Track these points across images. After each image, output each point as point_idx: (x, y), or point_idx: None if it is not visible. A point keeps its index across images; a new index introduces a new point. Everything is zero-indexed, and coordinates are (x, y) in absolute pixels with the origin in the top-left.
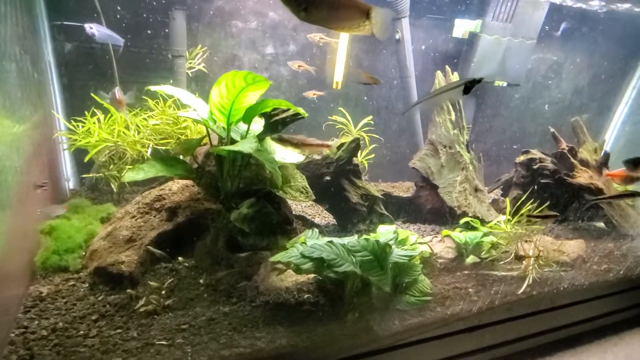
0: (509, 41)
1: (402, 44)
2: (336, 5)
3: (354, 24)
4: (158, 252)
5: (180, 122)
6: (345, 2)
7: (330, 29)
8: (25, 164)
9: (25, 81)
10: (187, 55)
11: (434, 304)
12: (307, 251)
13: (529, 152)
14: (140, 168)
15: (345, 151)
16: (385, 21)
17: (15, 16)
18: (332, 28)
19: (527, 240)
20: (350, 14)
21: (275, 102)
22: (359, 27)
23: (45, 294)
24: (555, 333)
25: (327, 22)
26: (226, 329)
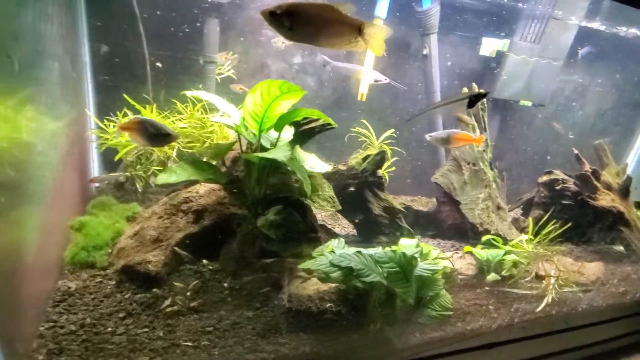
0: (536, 62)
1: (429, 60)
2: (324, 23)
3: (344, 41)
4: (184, 254)
5: (207, 126)
6: (334, 19)
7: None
8: (60, 160)
9: (65, 80)
10: (217, 62)
11: (454, 319)
12: (336, 260)
13: (552, 172)
14: (173, 170)
15: (370, 163)
16: (381, 37)
17: (60, 17)
18: (322, 46)
19: (548, 260)
20: (340, 30)
21: (308, 112)
22: (351, 44)
23: (73, 289)
24: (570, 354)
25: (316, 40)
26: (250, 334)
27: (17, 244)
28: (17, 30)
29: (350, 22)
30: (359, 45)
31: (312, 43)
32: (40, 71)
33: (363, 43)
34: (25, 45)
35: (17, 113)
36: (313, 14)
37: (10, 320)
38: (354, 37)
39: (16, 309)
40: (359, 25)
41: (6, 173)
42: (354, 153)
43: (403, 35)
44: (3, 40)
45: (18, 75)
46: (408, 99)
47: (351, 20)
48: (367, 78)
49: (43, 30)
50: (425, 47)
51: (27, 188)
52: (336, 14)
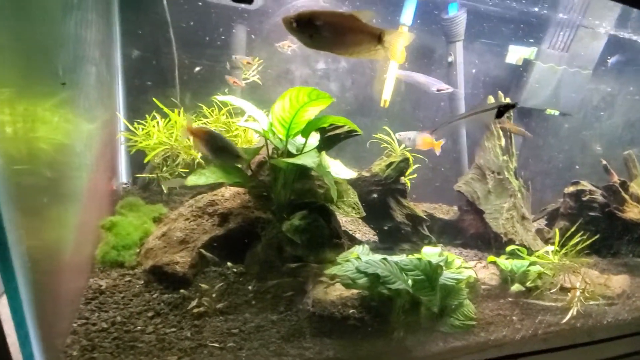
0: (564, 70)
1: (454, 67)
2: (344, 31)
3: (364, 49)
4: (209, 256)
5: (232, 130)
6: (354, 27)
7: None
8: (94, 161)
9: (100, 83)
10: (243, 67)
11: (477, 328)
12: (363, 266)
13: (578, 183)
14: (202, 173)
15: (394, 170)
16: (402, 44)
17: (98, 23)
18: (342, 54)
19: (574, 273)
20: (360, 39)
21: (335, 119)
22: (371, 52)
23: (104, 287)
24: None
25: (336, 48)
26: (275, 337)
27: (58, 243)
28: (62, 36)
29: (370, 31)
30: (379, 54)
31: (332, 51)
32: (80, 75)
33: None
34: (68, 50)
35: (57, 116)
36: (333, 22)
37: (50, 316)
38: (374, 45)
39: (55, 306)
40: (379, 34)
41: (47, 174)
42: (378, 160)
43: (428, 42)
44: (50, 47)
45: (61, 79)
46: (430, 106)
47: (371, 28)
48: (389, 84)
49: (83, 36)
50: (450, 55)
51: (66, 188)
52: (356, 22)
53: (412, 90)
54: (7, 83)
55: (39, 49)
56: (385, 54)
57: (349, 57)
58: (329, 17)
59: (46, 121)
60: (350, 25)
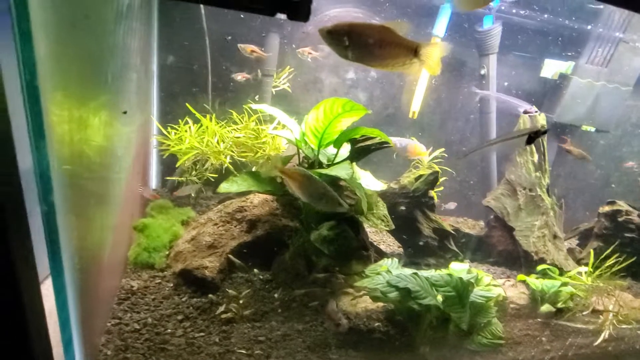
0: (603, 86)
1: (487, 80)
2: (380, 44)
3: (400, 62)
4: (237, 262)
5: (261, 137)
6: (390, 40)
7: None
8: (130, 163)
9: (139, 89)
10: (274, 75)
11: (505, 348)
12: (394, 280)
13: (614, 202)
14: (234, 181)
15: (423, 183)
16: (438, 56)
17: (141, 31)
18: (377, 67)
19: (608, 295)
20: (396, 52)
21: (368, 131)
22: (406, 65)
23: (135, 288)
24: None
25: (371, 61)
26: (301, 347)
27: (99, 244)
28: (113, 45)
29: (406, 44)
30: (413, 67)
31: (367, 64)
32: (124, 82)
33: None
34: (116, 58)
35: (104, 120)
36: (370, 34)
37: (90, 315)
38: (410, 58)
39: (94, 305)
40: (415, 47)
41: (94, 176)
42: (406, 172)
43: (460, 55)
44: (103, 55)
45: (110, 86)
46: (460, 118)
47: (408, 42)
48: (419, 95)
49: (129, 45)
50: (483, 67)
51: (109, 190)
52: (393, 35)
53: (441, 102)
54: (65, 89)
55: (94, 57)
56: (421, 67)
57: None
58: (366, 30)
59: (94, 125)
60: (386, 38)
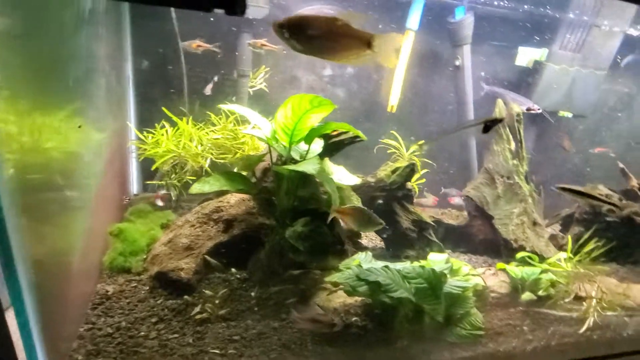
0: (577, 71)
1: (462, 71)
2: (333, 36)
3: (353, 54)
4: (214, 262)
5: (239, 137)
6: (343, 32)
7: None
8: (103, 169)
9: (110, 94)
10: (250, 75)
11: (485, 339)
12: (364, 274)
13: (594, 187)
14: (206, 181)
15: (399, 175)
16: (392, 47)
17: (108, 37)
18: (331, 59)
19: (590, 281)
20: (348, 43)
21: (338, 125)
22: (360, 57)
23: (110, 292)
24: None
25: (325, 53)
26: (276, 345)
27: (67, 249)
28: (73, 50)
29: (359, 36)
30: (367, 59)
31: (320, 56)
32: (90, 86)
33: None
34: (79, 63)
35: (67, 126)
36: (319, 26)
37: (57, 320)
38: (363, 50)
39: (62, 310)
40: (368, 39)
41: (55, 182)
42: (383, 165)
43: (434, 47)
44: (63, 60)
45: (71, 91)
46: (438, 111)
47: (361, 33)
48: (396, 90)
49: (95, 50)
50: (457, 58)
51: (75, 195)
52: (344, 27)
53: (420, 95)
54: (21, 95)
55: (52, 62)
56: (376, 59)
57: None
58: (315, 22)
59: (55, 131)
60: (339, 29)
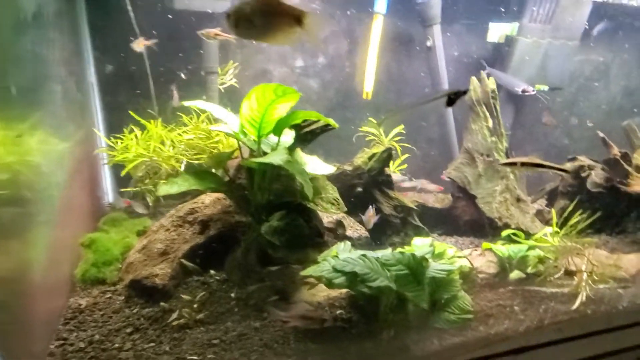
0: (549, 43)
1: (434, 51)
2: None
3: (286, 33)
4: (191, 265)
5: (213, 136)
6: (276, 10)
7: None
8: (68, 179)
9: (70, 101)
10: (219, 72)
11: (476, 322)
12: (340, 265)
13: (576, 158)
14: (174, 182)
15: (377, 161)
16: (320, 26)
17: (63, 41)
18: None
19: (579, 254)
20: (281, 22)
21: (306, 114)
22: (293, 36)
23: (83, 306)
24: (615, 357)
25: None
26: (257, 345)
27: (27, 264)
28: (16, 55)
29: (290, 12)
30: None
31: (259, 39)
32: (43, 94)
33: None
34: (24, 69)
35: (9, 136)
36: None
37: (21, 338)
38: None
39: (26, 328)
40: (298, 15)
41: (13, 194)
42: (360, 152)
43: (405, 29)
44: (2, 66)
45: (18, 99)
46: (414, 94)
47: (291, 9)
48: (369, 76)
49: (44, 55)
50: (428, 39)
51: (35, 208)
52: (277, 5)
53: (394, 80)
54: None
55: None
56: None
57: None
58: (254, 4)
59: (4, 142)
60: (272, 8)
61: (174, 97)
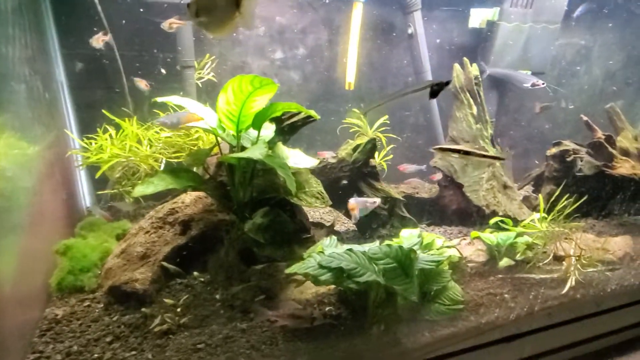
0: (531, 28)
1: (416, 39)
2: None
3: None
4: (172, 268)
5: (192, 133)
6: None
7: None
8: (38, 184)
9: (36, 102)
10: (195, 66)
11: (466, 312)
12: (325, 261)
13: (560, 143)
14: (150, 182)
15: (361, 153)
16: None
17: (25, 38)
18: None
19: (567, 239)
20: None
21: (285, 106)
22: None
23: (60, 316)
24: (605, 339)
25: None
26: (244, 347)
27: None
28: None
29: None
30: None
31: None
32: (2, 94)
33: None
34: None
35: None
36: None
37: None
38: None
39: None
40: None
41: None
42: (344, 144)
43: (386, 16)
44: None
45: None
46: (398, 83)
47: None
48: (351, 66)
49: (2, 52)
50: (409, 26)
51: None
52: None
53: (376, 69)
54: None
55: None
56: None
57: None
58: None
59: None
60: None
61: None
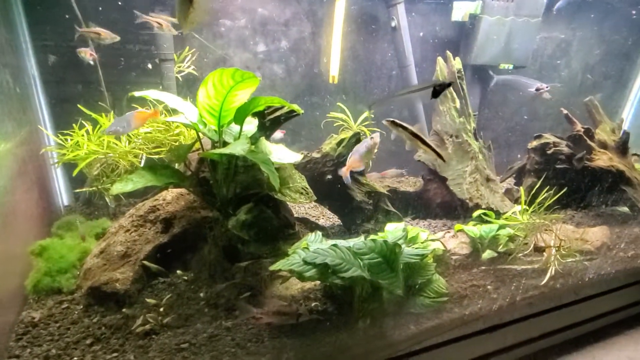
0: (512, 21)
1: (399, 32)
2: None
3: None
4: (154, 267)
5: (173, 128)
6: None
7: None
8: (9, 183)
9: (5, 96)
10: (175, 59)
11: (450, 304)
12: (310, 257)
13: (541, 136)
14: (129, 179)
15: (345, 147)
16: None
17: None
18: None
19: (547, 230)
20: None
21: (267, 100)
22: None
23: (37, 319)
24: (582, 326)
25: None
26: (229, 346)
27: None
28: None
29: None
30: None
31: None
32: None
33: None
34: None
35: None
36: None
37: None
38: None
39: None
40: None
41: None
42: (328, 138)
43: (369, 9)
44: None
45: None
46: (382, 77)
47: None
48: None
49: None
50: (393, 19)
51: None
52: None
53: (361, 62)
54: None
55: None
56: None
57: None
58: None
59: None
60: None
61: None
